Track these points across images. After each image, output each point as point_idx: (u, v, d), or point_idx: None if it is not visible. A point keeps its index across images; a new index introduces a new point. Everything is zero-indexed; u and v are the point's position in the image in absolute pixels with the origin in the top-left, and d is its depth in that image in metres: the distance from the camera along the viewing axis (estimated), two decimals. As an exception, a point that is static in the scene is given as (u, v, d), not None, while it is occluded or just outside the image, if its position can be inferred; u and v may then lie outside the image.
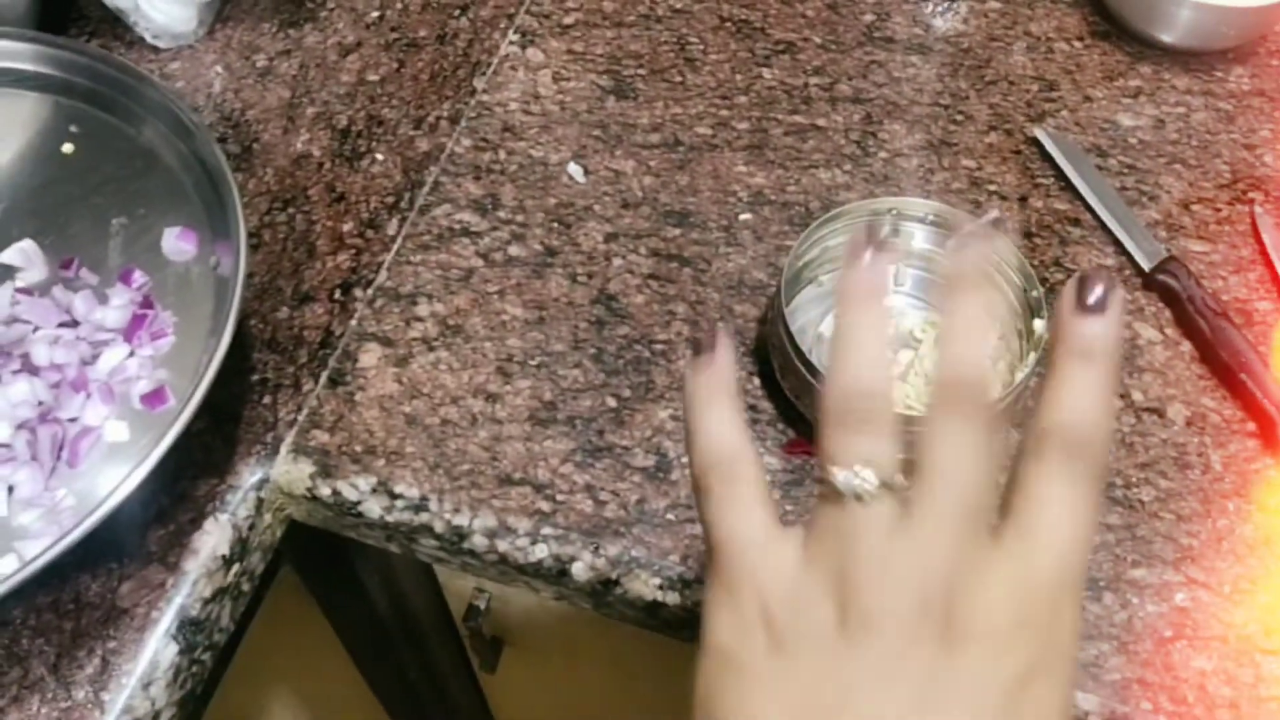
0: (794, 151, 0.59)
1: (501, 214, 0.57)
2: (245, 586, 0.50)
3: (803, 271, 0.52)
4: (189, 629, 0.46)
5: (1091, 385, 0.30)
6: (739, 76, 0.62)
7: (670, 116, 0.61)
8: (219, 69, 0.62)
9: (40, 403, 0.43)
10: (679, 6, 0.66)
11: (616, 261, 0.55)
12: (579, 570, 0.47)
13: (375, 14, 0.65)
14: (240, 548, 0.49)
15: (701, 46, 0.64)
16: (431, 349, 0.53)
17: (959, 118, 0.60)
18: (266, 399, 0.51)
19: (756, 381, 0.51)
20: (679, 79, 0.62)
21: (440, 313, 0.54)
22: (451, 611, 0.69)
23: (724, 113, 0.61)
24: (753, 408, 0.51)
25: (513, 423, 0.51)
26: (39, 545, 0.40)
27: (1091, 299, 0.30)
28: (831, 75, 0.62)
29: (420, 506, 0.49)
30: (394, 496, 0.49)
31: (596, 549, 0.47)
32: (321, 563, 0.63)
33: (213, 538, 0.48)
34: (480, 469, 0.49)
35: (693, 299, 0.54)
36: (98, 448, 0.43)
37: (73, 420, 0.43)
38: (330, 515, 0.51)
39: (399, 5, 0.65)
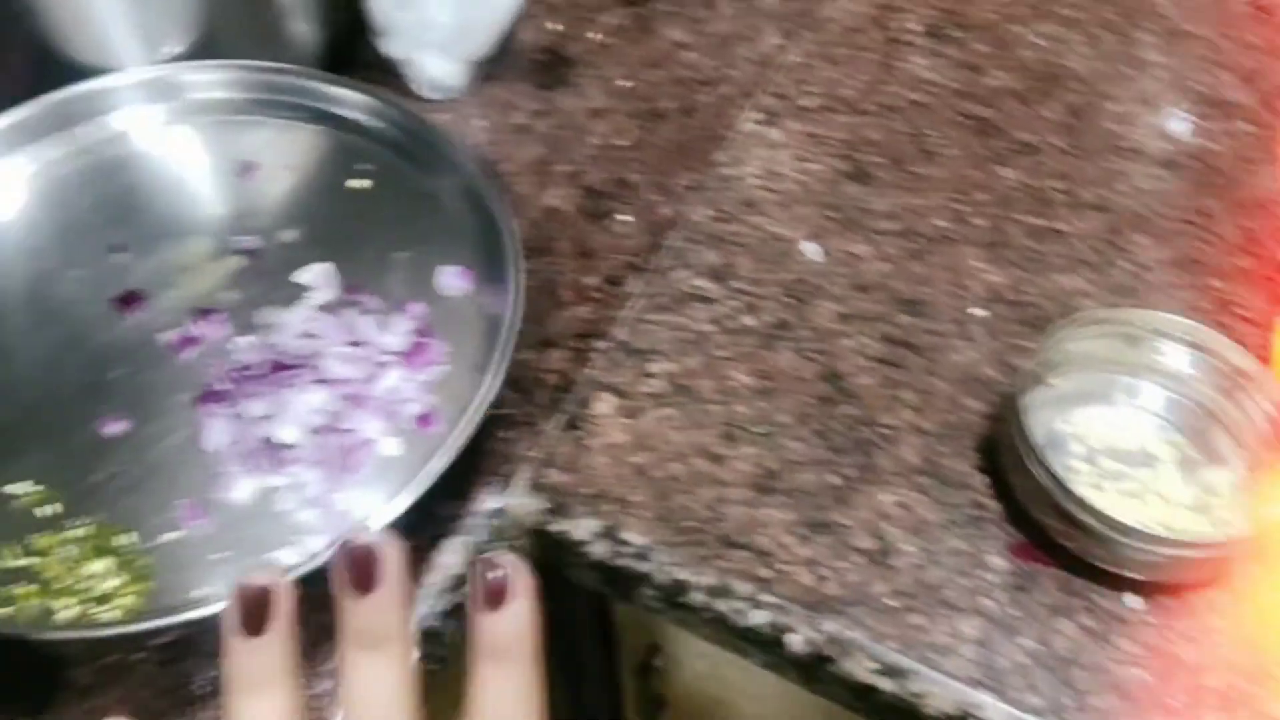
0: (1032, 253, 0.59)
1: (736, 284, 0.59)
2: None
3: (1038, 373, 0.52)
4: (427, 640, 0.49)
5: (506, 687, 0.28)
6: (977, 173, 0.63)
7: (907, 206, 0.62)
8: (481, 123, 0.67)
9: (329, 412, 0.46)
10: (918, 99, 0.67)
11: (846, 342, 0.57)
12: (794, 642, 0.48)
13: (625, 83, 0.69)
14: (470, 572, 0.51)
15: (940, 140, 0.65)
16: (662, 405, 0.55)
17: (1208, 236, 0.60)
18: (508, 434, 0.54)
19: (984, 479, 0.52)
20: (917, 170, 0.64)
21: (672, 371, 0.56)
22: (620, 663, 0.70)
23: (961, 207, 0.62)
24: (980, 505, 0.51)
25: (736, 487, 0.52)
26: (319, 541, 0.43)
27: (491, 590, 0.28)
28: (1073, 180, 0.63)
29: (643, 555, 0.51)
30: (619, 543, 0.51)
31: (814, 623, 0.48)
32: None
33: (451, 558, 0.50)
34: (703, 527, 0.51)
35: (921, 387, 0.55)
36: (373, 459, 0.46)
37: (352, 431, 0.46)
38: (555, 552, 0.53)
39: (646, 77, 0.69)
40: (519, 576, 0.28)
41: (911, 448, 0.53)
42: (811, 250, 0.60)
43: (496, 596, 0.28)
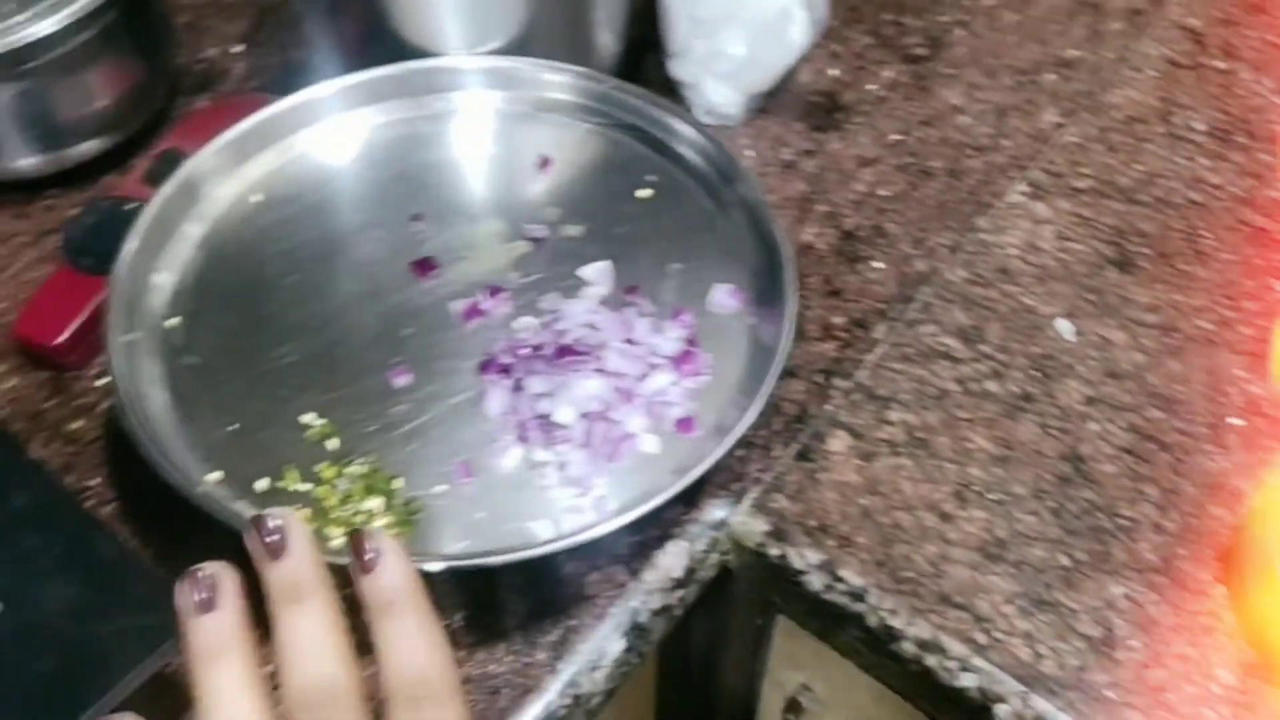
0: (1302, 371, 0.58)
1: (984, 348, 0.60)
2: (678, 613, 0.54)
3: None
4: (634, 632, 0.51)
5: (404, 633, 0.32)
6: (1249, 282, 0.62)
7: (1170, 301, 0.61)
8: (750, 153, 0.69)
9: (603, 401, 0.49)
10: (1195, 198, 0.66)
11: (1092, 425, 0.56)
12: (1004, 713, 0.48)
13: (896, 136, 0.70)
14: (689, 575, 0.53)
15: (1213, 242, 0.64)
16: (896, 454, 0.56)
17: None
18: (740, 451, 0.56)
19: (1222, 590, 0.50)
20: (1185, 268, 0.63)
21: (910, 423, 0.57)
22: (761, 698, 0.71)
23: (1228, 313, 0.60)
24: (1215, 615, 0.50)
25: (962, 548, 0.52)
26: (575, 520, 0.46)
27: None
28: (1355, 306, 0.60)
29: (859, 596, 0.51)
30: (836, 579, 0.52)
31: (1026, 699, 0.48)
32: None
33: (671, 559, 0.53)
34: (923, 581, 0.51)
35: (1166, 485, 0.54)
36: (633, 453, 0.49)
37: (619, 423, 0.49)
38: (766, 575, 0.54)
39: (918, 134, 0.70)
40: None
41: (1149, 544, 0.52)
42: (1065, 328, 0.60)
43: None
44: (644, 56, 0.72)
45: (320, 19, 0.68)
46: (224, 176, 0.57)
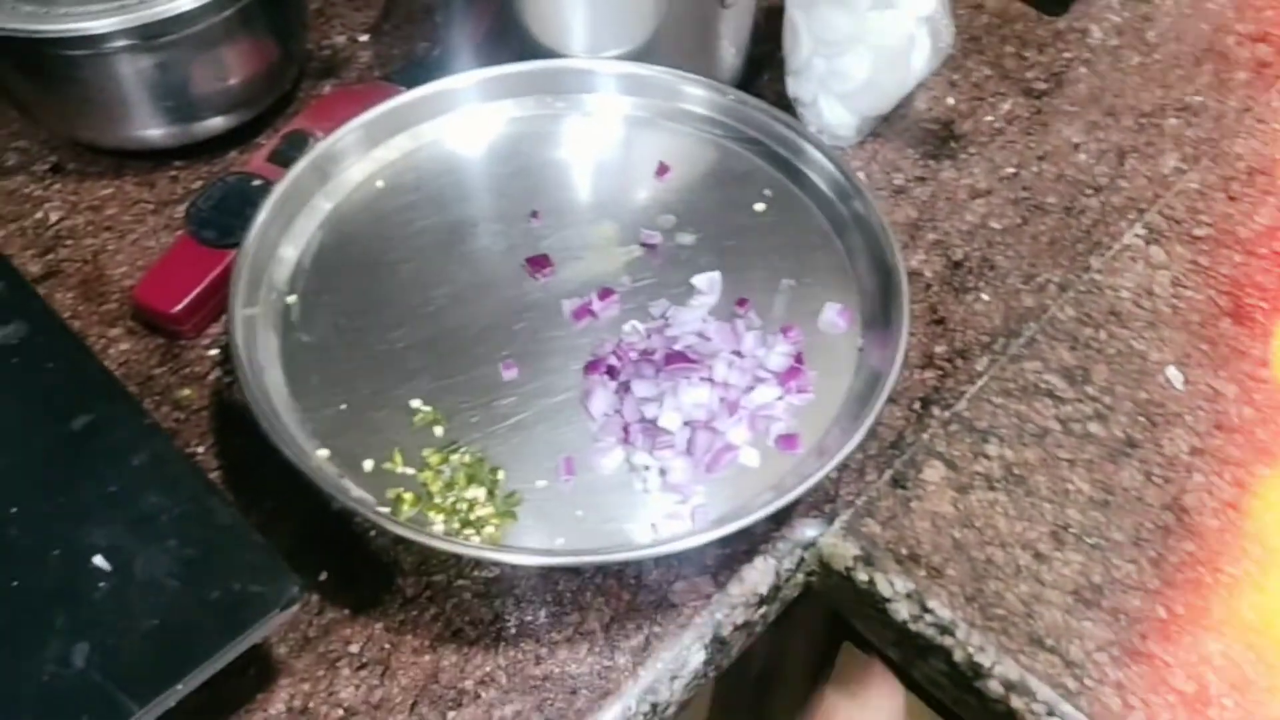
0: None
1: (1089, 390, 0.59)
2: (758, 629, 0.54)
3: None
4: (715, 645, 0.51)
5: None
6: (1371, 344, 0.60)
7: (1286, 358, 0.60)
8: (861, 175, 0.68)
9: (709, 410, 0.49)
10: (1319, 255, 0.65)
11: (1197, 477, 0.55)
12: (1090, 760, 0.47)
13: (1010, 170, 0.69)
14: (774, 592, 0.53)
15: (1336, 302, 0.62)
16: (992, 489, 0.55)
17: None
18: (833, 473, 0.55)
19: (1327, 656, 0.49)
20: (1304, 326, 0.61)
21: (1008, 458, 0.56)
22: None
23: (1348, 375, 0.59)
24: (1319, 682, 0.48)
25: (1056, 590, 0.52)
26: (673, 527, 0.46)
27: None
28: None
29: (947, 630, 0.51)
30: (925, 609, 0.51)
31: (1115, 748, 0.47)
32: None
33: (758, 574, 0.52)
34: (1014, 620, 0.51)
35: (1272, 545, 0.52)
36: (733, 464, 0.49)
37: (722, 434, 0.49)
38: (852, 599, 0.54)
39: (1034, 168, 0.69)
40: None
41: (1250, 604, 0.51)
42: (1174, 376, 0.59)
43: None
44: (760, 72, 0.72)
45: (449, 14, 0.70)
46: (355, 158, 0.59)
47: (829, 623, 0.62)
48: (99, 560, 0.41)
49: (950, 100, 0.73)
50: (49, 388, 0.47)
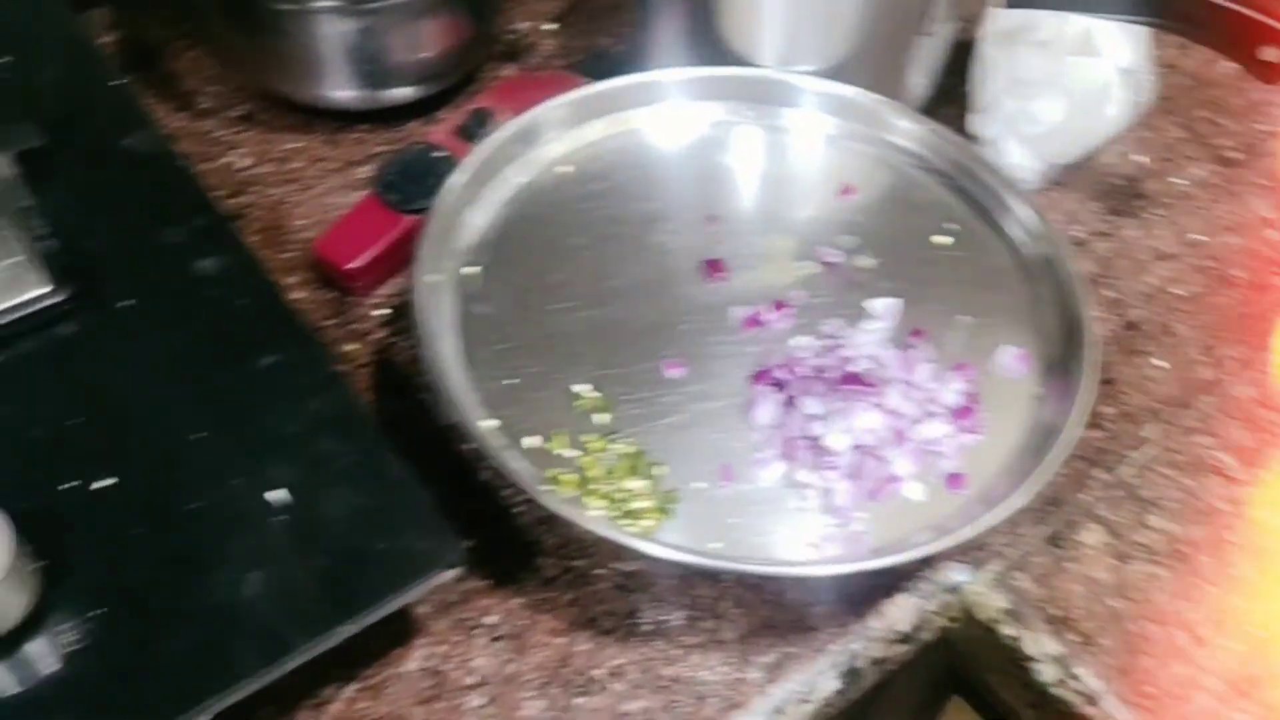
0: None
1: (1263, 472, 0.56)
2: (890, 668, 0.53)
3: None
4: (849, 676, 0.50)
5: None
6: None
7: None
8: (1039, 222, 0.67)
9: (877, 437, 0.49)
10: None
11: (1376, 583, 0.52)
12: None
13: (1197, 236, 0.67)
14: (914, 632, 0.52)
15: None
16: (1154, 562, 0.53)
17: None
18: (988, 521, 0.54)
19: None
20: None
21: (1173, 533, 0.54)
22: None
23: None
24: None
25: (1213, 676, 0.49)
26: (829, 550, 0.45)
27: None
28: None
29: (1093, 700, 0.49)
30: (1072, 676, 0.49)
31: None
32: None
33: (899, 611, 0.51)
34: (1165, 701, 0.48)
35: None
36: (895, 496, 0.48)
37: (888, 463, 0.48)
38: (991, 651, 0.52)
39: (1222, 238, 0.67)
40: None
41: None
42: (1358, 474, 0.56)
43: None
44: (942, 106, 0.71)
45: (643, 11, 0.70)
46: (553, 136, 0.59)
47: (945, 671, 0.60)
48: (276, 494, 0.42)
49: (1138, 157, 0.70)
50: (241, 323, 0.48)
